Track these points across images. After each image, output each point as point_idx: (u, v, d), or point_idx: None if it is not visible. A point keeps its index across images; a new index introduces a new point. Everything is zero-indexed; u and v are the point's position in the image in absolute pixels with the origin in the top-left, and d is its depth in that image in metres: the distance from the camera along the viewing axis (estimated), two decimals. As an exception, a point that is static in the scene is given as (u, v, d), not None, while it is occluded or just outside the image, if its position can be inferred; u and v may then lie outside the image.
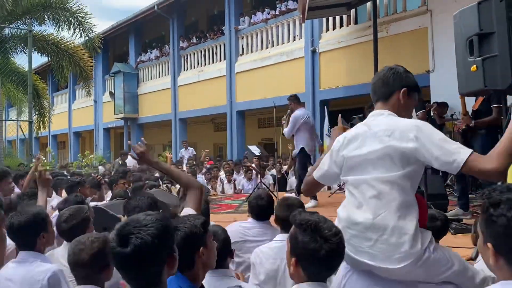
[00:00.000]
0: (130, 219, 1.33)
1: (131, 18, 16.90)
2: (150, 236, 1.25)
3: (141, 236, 1.25)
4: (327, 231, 1.51)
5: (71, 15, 11.17)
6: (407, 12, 9.04)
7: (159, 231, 1.28)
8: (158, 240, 1.26)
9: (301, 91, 11.00)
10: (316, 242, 1.49)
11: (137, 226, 1.27)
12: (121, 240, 1.25)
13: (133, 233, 1.26)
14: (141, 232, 1.26)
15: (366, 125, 1.94)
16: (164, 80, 16.27)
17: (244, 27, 13.08)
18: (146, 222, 1.28)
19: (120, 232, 1.27)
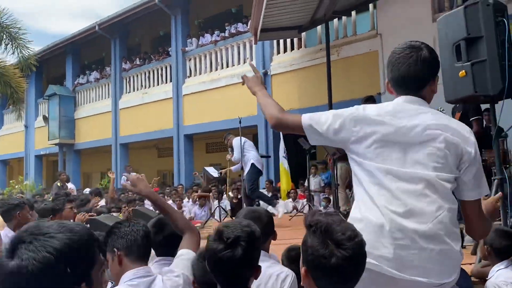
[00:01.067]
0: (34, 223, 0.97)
1: (69, 39, 16.04)
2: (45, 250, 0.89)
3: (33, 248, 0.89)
4: (340, 234, 1.23)
5: (3, 30, 10.26)
6: (357, 35, 9.23)
7: (65, 245, 0.91)
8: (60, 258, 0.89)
9: (253, 114, 10.82)
10: (327, 247, 1.22)
11: (33, 234, 0.92)
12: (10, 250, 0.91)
13: (25, 241, 0.90)
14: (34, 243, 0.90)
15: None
16: (104, 103, 15.42)
17: (192, 48, 12.78)
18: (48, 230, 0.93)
19: (12, 239, 0.93)
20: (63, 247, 0.87)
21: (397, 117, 1.58)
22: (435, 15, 7.79)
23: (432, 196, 1.50)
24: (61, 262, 0.86)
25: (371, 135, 1.56)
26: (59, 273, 0.86)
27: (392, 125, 1.56)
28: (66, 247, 0.88)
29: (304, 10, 8.52)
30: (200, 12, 14.84)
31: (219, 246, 1.22)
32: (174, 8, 13.04)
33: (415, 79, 1.63)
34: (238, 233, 1.30)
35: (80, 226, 0.95)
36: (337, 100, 8.59)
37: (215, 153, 15.51)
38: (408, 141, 1.55)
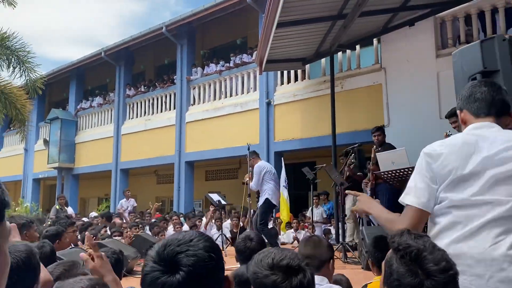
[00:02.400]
0: (166, 239, 1.01)
1: (74, 64, 16.25)
2: (203, 250, 0.95)
3: (193, 253, 0.93)
4: (432, 265, 1.14)
5: (12, 53, 10.40)
6: (361, 69, 9.40)
7: (211, 244, 0.98)
8: (215, 254, 0.97)
9: (255, 142, 10.86)
10: (415, 277, 1.13)
11: (181, 244, 0.95)
12: (168, 266, 0.93)
13: (181, 251, 0.93)
14: (190, 249, 0.94)
15: (476, 135, 1.65)
16: (106, 129, 15.47)
17: (197, 77, 12.96)
18: (189, 237, 0.99)
19: (161, 257, 0.95)
20: (212, 245, 0.98)
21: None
22: (438, 51, 7.99)
23: None
24: (217, 258, 0.96)
25: None
26: (219, 267, 0.96)
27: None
28: (212, 245, 0.98)
29: (309, 43, 8.71)
30: (206, 42, 15.15)
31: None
32: (181, 38, 13.30)
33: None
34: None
35: (199, 232, 1.03)
36: (340, 131, 8.67)
37: (214, 180, 15.46)
38: None
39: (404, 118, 8.11)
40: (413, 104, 7.91)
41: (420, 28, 7.97)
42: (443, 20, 8.13)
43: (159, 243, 0.99)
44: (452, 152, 1.60)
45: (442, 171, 1.58)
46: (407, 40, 8.21)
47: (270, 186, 6.67)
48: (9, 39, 10.36)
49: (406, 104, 8.18)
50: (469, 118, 1.74)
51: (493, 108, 1.70)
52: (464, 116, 1.77)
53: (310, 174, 7.16)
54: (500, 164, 1.54)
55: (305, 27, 7.79)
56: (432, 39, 8.01)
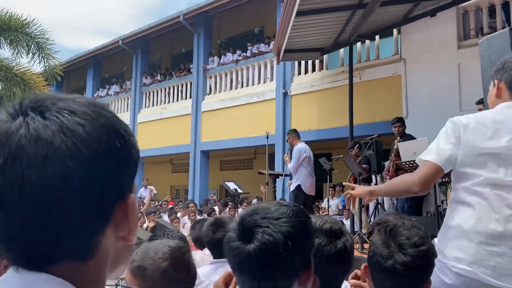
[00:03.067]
0: (259, 206, 0.97)
1: (91, 52, 16.36)
2: (281, 234, 0.90)
3: (270, 232, 0.90)
4: (404, 238, 1.19)
5: (32, 40, 10.50)
6: (381, 59, 9.27)
7: (295, 229, 0.91)
8: (295, 242, 0.90)
9: (271, 132, 10.81)
10: (387, 248, 1.19)
11: (267, 218, 0.91)
12: (245, 233, 0.92)
13: (261, 225, 0.91)
14: (270, 227, 0.90)
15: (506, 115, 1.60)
16: (123, 117, 15.25)
17: (213, 66, 12.94)
18: (279, 215, 0.92)
19: (244, 222, 0.93)
20: (296, 232, 0.92)
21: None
22: (460, 42, 7.83)
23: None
24: (296, 246, 0.91)
25: None
26: (294, 256, 0.91)
27: None
28: (297, 231, 0.92)
29: (328, 33, 8.61)
30: (223, 31, 15.09)
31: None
32: (198, 27, 13.28)
33: None
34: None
35: (301, 209, 0.99)
36: (358, 122, 8.59)
37: (229, 170, 15.51)
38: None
39: (423, 110, 7.98)
40: (433, 96, 7.79)
41: (442, 18, 7.81)
42: (466, 10, 7.95)
43: (253, 206, 1.00)
44: (481, 126, 1.57)
45: (468, 142, 1.56)
46: (428, 30, 8.06)
47: (305, 172, 6.37)
48: (29, 25, 10.46)
49: (425, 96, 8.05)
50: (504, 92, 1.67)
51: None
52: (501, 88, 1.68)
53: (327, 165, 7.11)
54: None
55: (324, 16, 7.70)
56: (454, 30, 7.85)
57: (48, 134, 0.50)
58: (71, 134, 0.51)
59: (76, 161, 0.50)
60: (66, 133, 0.51)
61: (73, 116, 0.52)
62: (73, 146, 0.50)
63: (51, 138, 0.50)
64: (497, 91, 1.69)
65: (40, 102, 0.53)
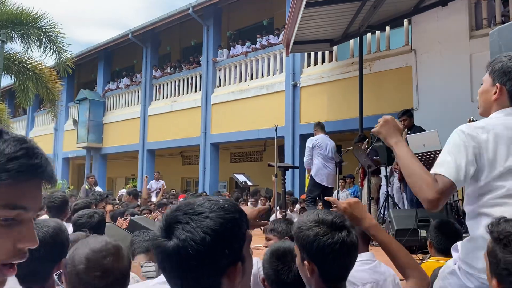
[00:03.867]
0: (184, 202, 0.95)
1: (102, 45, 16.45)
2: (201, 230, 0.87)
3: (189, 228, 0.87)
4: None
5: (43, 33, 10.60)
6: (391, 50, 9.19)
7: (220, 225, 0.88)
8: (217, 238, 0.87)
9: (281, 125, 10.79)
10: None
11: (188, 213, 0.89)
12: (166, 230, 0.90)
13: (181, 222, 0.88)
14: (190, 224, 0.88)
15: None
16: (133, 110, 15.70)
17: (223, 59, 12.94)
18: (202, 209, 0.90)
19: (166, 218, 0.91)
20: (218, 227, 0.87)
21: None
22: (472, 32, 7.72)
23: None
24: (218, 242, 0.87)
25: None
26: (216, 253, 0.87)
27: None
28: (221, 227, 0.88)
29: (338, 23, 8.56)
30: (232, 23, 15.07)
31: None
32: (207, 19, 13.27)
33: None
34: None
35: (229, 203, 0.94)
36: (368, 114, 8.55)
37: (239, 163, 15.56)
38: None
39: (434, 102, 7.91)
40: (444, 87, 7.70)
41: (453, 8, 7.70)
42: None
43: (179, 202, 0.98)
44: (497, 138, 1.53)
45: (490, 160, 1.52)
46: (439, 20, 7.96)
47: (317, 163, 6.43)
48: (40, 19, 10.56)
49: (436, 87, 7.97)
50: (503, 98, 1.63)
51: None
52: (501, 90, 1.63)
53: (337, 157, 7.10)
54: None
55: (334, 7, 7.65)
56: (466, 19, 7.73)
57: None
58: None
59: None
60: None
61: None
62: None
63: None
64: (499, 95, 1.64)
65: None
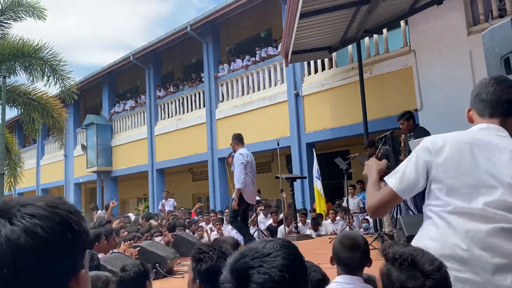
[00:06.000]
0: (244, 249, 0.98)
1: (105, 69, 16.66)
2: (277, 269, 0.90)
3: (265, 270, 0.90)
4: (427, 265, 1.24)
5: (45, 63, 10.77)
6: (390, 53, 9.17)
7: (289, 261, 0.93)
8: (290, 273, 0.91)
9: (286, 135, 10.83)
10: (416, 279, 1.22)
11: (256, 258, 0.91)
12: (238, 281, 0.91)
13: (253, 266, 0.90)
14: (264, 266, 0.90)
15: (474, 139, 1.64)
16: (140, 131, 15.82)
17: (224, 74, 13.02)
18: (268, 251, 0.93)
19: (233, 269, 0.92)
20: (287, 263, 0.92)
21: None
22: (470, 28, 7.67)
23: None
24: (290, 280, 0.90)
25: None
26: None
27: None
28: (290, 262, 0.92)
29: (334, 30, 8.56)
30: (231, 38, 15.17)
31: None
32: (205, 36, 13.38)
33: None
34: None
35: (285, 242, 0.99)
36: (372, 118, 8.51)
37: (248, 175, 15.53)
38: None
39: (438, 101, 7.85)
40: (446, 85, 7.64)
41: (449, 5, 7.66)
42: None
43: (239, 250, 0.98)
44: (452, 154, 1.60)
45: (439, 171, 1.60)
46: (436, 19, 7.92)
47: (247, 179, 5.98)
48: (41, 50, 10.74)
49: (439, 86, 7.91)
50: (475, 118, 1.76)
51: (499, 109, 1.68)
52: (471, 115, 1.78)
53: (343, 164, 7.07)
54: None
55: (328, 15, 7.65)
56: (463, 16, 7.69)
57: (15, 236, 0.68)
58: (32, 234, 0.68)
59: (37, 255, 0.68)
60: (29, 234, 0.68)
61: (33, 219, 0.69)
62: (34, 243, 0.68)
63: (17, 239, 0.68)
64: (471, 118, 1.80)
65: (8, 210, 0.71)
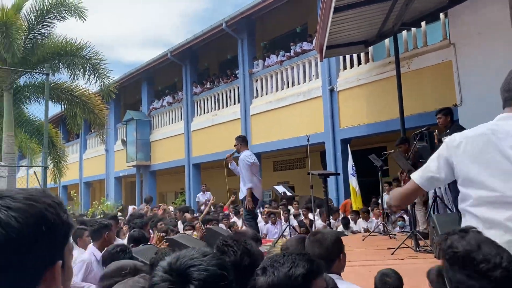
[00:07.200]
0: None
1: (144, 66, 17.07)
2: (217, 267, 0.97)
3: (204, 268, 0.94)
4: (483, 265, 1.09)
5: (86, 62, 11.17)
6: (429, 46, 8.89)
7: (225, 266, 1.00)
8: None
9: (320, 131, 10.75)
10: (471, 279, 1.10)
11: (195, 258, 0.97)
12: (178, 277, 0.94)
13: (193, 265, 0.94)
14: (203, 264, 0.95)
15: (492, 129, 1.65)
16: (177, 126, 16.14)
17: (258, 70, 13.04)
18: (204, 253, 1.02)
19: (172, 269, 0.97)
20: (223, 264, 1.00)
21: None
22: (514, 20, 7.30)
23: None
24: (228, 278, 0.97)
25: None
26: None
27: None
28: (225, 265, 1.00)
29: (370, 24, 8.38)
30: (265, 34, 15.16)
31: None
32: (240, 32, 13.44)
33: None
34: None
35: (211, 252, 1.06)
36: (409, 113, 8.30)
37: (282, 171, 15.54)
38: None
39: (478, 96, 7.52)
40: (488, 80, 7.30)
41: (492, -4, 7.34)
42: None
43: (172, 255, 1.00)
44: (469, 149, 1.63)
45: (457, 165, 1.65)
46: (478, 11, 7.59)
47: (255, 179, 6.48)
48: (83, 49, 11.14)
49: (479, 80, 7.59)
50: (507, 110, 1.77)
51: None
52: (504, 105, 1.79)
53: (377, 161, 6.94)
54: None
55: (364, 8, 7.50)
56: (506, 8, 7.31)
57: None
58: (6, 226, 0.68)
59: (10, 245, 0.68)
60: (3, 225, 0.68)
61: (8, 211, 0.70)
62: (7, 235, 0.68)
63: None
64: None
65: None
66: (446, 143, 1.73)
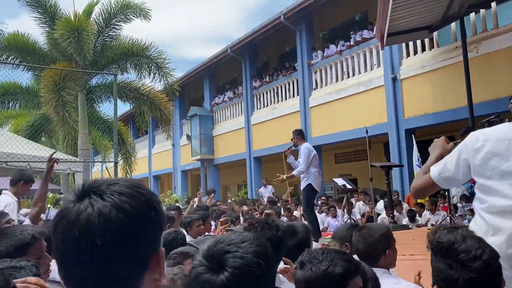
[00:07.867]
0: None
1: (205, 63, 17.52)
2: (252, 255, 0.95)
3: (241, 255, 0.94)
4: (463, 255, 1.17)
5: (151, 61, 11.71)
6: (500, 28, 8.29)
7: (262, 248, 0.99)
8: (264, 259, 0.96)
9: (383, 121, 10.45)
10: (451, 269, 1.18)
11: (233, 244, 0.97)
12: (213, 263, 0.95)
13: (229, 251, 0.95)
14: (239, 251, 0.95)
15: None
16: (238, 120, 16.43)
17: (317, 61, 12.90)
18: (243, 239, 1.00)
19: (209, 253, 0.97)
20: (262, 252, 1.01)
21: None
22: None
23: None
24: (264, 267, 0.99)
25: None
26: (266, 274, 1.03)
27: None
28: (264, 252, 1.01)
29: (434, 8, 7.99)
30: (324, 24, 14.94)
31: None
32: (298, 24, 13.35)
33: None
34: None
35: (255, 236, 1.10)
36: (478, 101, 7.83)
37: (344, 163, 15.29)
38: None
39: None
40: None
41: None
42: None
43: (214, 239, 1.03)
44: (488, 156, 1.62)
45: (476, 172, 1.64)
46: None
47: (314, 171, 6.53)
48: (148, 49, 11.68)
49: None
50: None
51: None
52: None
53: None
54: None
55: (426, -8, 7.18)
56: None
57: (106, 211, 0.72)
58: (122, 210, 0.72)
59: (126, 229, 0.71)
60: (118, 209, 0.72)
61: (121, 197, 0.73)
62: (124, 218, 0.71)
63: (109, 214, 0.71)
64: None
65: (98, 187, 0.75)
66: (466, 143, 1.71)
